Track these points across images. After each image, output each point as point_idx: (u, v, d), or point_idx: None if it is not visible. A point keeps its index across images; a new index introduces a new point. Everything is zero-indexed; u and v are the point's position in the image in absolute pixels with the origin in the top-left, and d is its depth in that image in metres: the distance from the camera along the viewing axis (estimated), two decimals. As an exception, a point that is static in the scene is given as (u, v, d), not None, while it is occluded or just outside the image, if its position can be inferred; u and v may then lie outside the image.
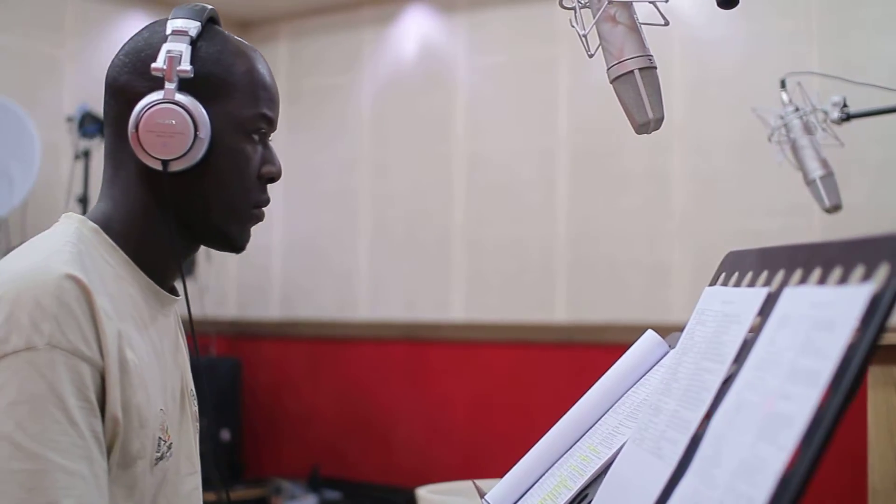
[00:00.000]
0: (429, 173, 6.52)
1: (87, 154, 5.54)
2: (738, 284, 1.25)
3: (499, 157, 6.26)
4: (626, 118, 1.44)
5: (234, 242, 1.58)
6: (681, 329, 1.63)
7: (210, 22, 1.57)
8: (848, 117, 2.41)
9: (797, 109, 2.46)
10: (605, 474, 1.39)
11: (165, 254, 1.55)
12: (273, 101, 1.59)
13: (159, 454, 1.47)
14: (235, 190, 1.54)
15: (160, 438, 1.47)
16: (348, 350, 6.73)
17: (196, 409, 1.71)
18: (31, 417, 1.28)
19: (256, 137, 1.56)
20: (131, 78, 1.51)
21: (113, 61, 1.56)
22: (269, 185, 1.61)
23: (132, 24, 6.62)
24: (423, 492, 2.82)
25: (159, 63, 1.48)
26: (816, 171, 2.42)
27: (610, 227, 5.82)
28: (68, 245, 1.42)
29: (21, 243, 4.73)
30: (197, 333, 1.62)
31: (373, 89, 6.79)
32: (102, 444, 1.35)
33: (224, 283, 6.94)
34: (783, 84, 2.60)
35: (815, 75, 2.47)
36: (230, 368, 6.59)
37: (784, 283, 1.08)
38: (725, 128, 5.39)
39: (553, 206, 6.00)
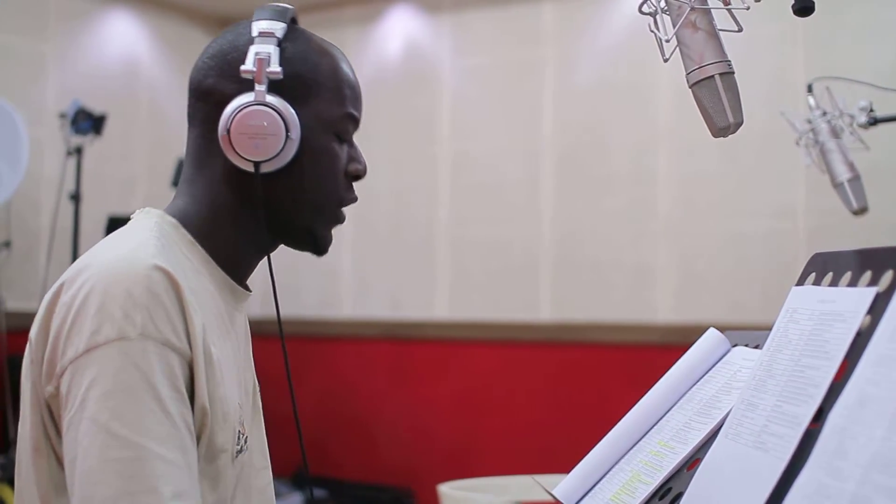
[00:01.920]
0: (413, 172, 6.54)
1: (79, 150, 5.51)
2: (833, 284, 1.28)
3: (484, 157, 6.29)
4: (705, 122, 1.46)
5: (318, 243, 1.60)
6: (667, 329, 1.67)
7: (292, 22, 1.58)
8: (875, 122, 2.46)
9: (825, 113, 2.51)
10: (688, 468, 1.43)
11: (243, 251, 1.57)
12: (358, 100, 1.61)
13: (238, 447, 1.49)
14: (324, 189, 1.56)
15: (238, 432, 1.49)
16: (332, 348, 6.73)
17: (261, 404, 1.73)
18: (127, 407, 1.29)
19: (343, 136, 1.58)
20: (218, 80, 1.52)
21: (197, 64, 1.57)
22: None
23: (116, 21, 6.61)
24: (445, 488, 2.83)
25: (248, 65, 1.48)
26: (844, 175, 2.46)
27: (595, 228, 5.86)
28: (152, 238, 1.44)
29: (6, 241, 4.70)
30: None
31: (356, 88, 6.78)
32: (193, 434, 1.37)
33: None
34: (810, 88, 2.64)
35: (841, 80, 2.52)
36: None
37: (896, 283, 1.12)
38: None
39: (538, 206, 6.04)
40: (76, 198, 5.46)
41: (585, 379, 5.75)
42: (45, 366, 1.37)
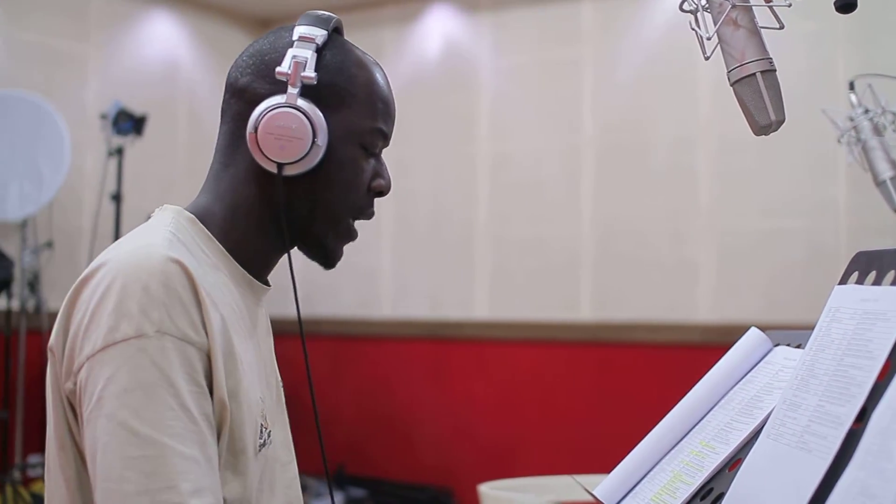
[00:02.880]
0: (452, 172, 6.54)
1: (120, 151, 5.55)
2: (876, 283, 1.27)
3: (523, 156, 6.28)
4: (746, 120, 1.45)
5: (328, 255, 1.60)
6: (709, 328, 1.66)
7: (335, 32, 1.59)
8: (920, 119, 2.44)
9: (867, 111, 2.48)
10: (729, 468, 1.42)
11: (261, 249, 1.57)
12: (390, 116, 1.61)
13: (261, 441, 1.49)
14: (344, 200, 1.56)
15: (261, 425, 1.50)
16: (371, 348, 6.75)
17: (283, 399, 1.73)
18: (145, 404, 1.30)
19: (370, 150, 1.58)
20: (254, 80, 1.53)
21: (236, 62, 1.57)
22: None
23: (156, 23, 6.64)
24: (485, 488, 2.83)
25: (284, 67, 1.49)
26: (886, 172, 2.44)
27: (635, 226, 5.85)
28: (167, 233, 1.45)
29: (49, 241, 4.75)
30: None
31: (395, 88, 6.76)
32: (214, 429, 1.37)
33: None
34: (852, 86, 2.62)
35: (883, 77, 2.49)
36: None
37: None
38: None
39: (578, 205, 6.03)
40: (117, 198, 5.50)
41: (625, 378, 5.73)
42: (64, 362, 1.39)
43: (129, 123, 5.47)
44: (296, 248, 1.62)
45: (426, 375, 6.51)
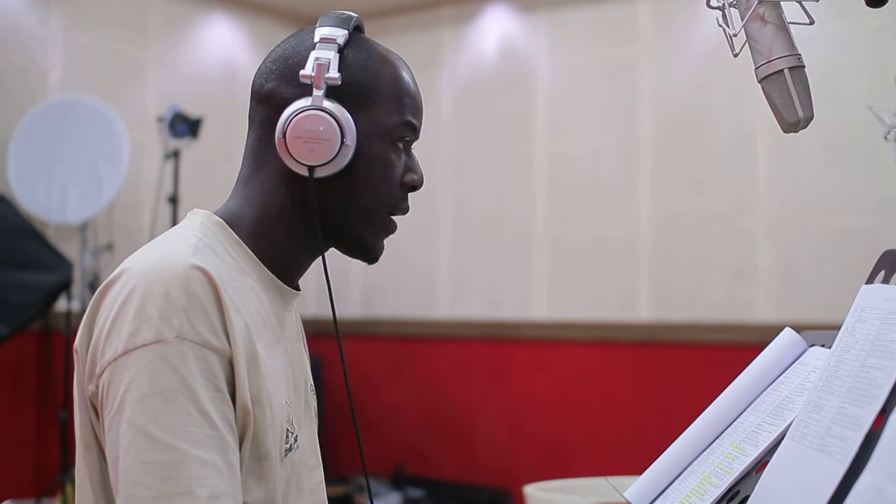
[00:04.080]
0: (510, 172, 6.53)
1: (176, 154, 5.60)
2: (902, 282, 1.25)
3: (580, 156, 6.26)
4: (774, 117, 1.43)
5: (368, 251, 1.60)
6: (767, 328, 1.63)
7: (356, 30, 1.59)
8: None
9: (914, 107, 2.43)
10: (757, 471, 1.40)
11: (292, 253, 1.57)
12: (417, 109, 1.60)
13: (287, 446, 1.49)
14: (377, 197, 1.55)
15: (287, 430, 1.49)
16: (430, 349, 6.75)
17: (315, 404, 1.73)
18: (164, 409, 1.31)
19: (400, 145, 1.57)
20: (279, 84, 1.53)
21: (260, 68, 1.58)
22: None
23: (214, 26, 6.70)
24: (531, 489, 2.82)
25: (308, 70, 1.49)
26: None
27: (693, 226, 5.80)
28: (193, 238, 1.45)
29: (109, 244, 4.80)
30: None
31: (453, 89, 6.81)
32: (235, 434, 1.37)
33: (304, 282, 6.97)
34: (899, 82, 2.58)
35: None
36: (311, 366, 6.61)
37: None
38: (812, 125, 5.34)
39: (635, 204, 5.99)
40: (174, 200, 5.55)
41: (683, 379, 5.68)
42: (87, 365, 1.40)
43: (184, 126, 5.52)
44: (333, 249, 1.62)
45: (484, 376, 6.50)
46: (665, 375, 5.79)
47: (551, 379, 6.22)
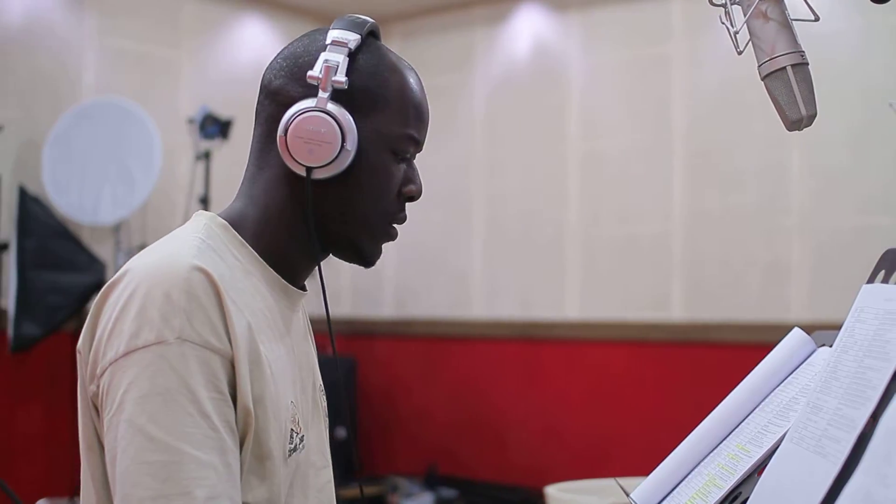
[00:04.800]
0: (542, 172, 6.51)
1: (207, 155, 5.63)
2: (901, 282, 1.23)
3: (613, 155, 6.23)
4: (778, 115, 1.42)
5: (364, 256, 1.59)
6: (801, 327, 1.62)
7: (370, 36, 1.58)
8: None
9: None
10: (758, 473, 1.38)
11: (296, 254, 1.57)
12: (422, 121, 1.59)
13: (292, 446, 1.49)
14: (373, 204, 1.55)
15: (292, 430, 1.49)
16: (463, 349, 6.74)
17: (325, 404, 1.73)
18: (164, 410, 1.31)
19: (401, 155, 1.57)
20: (286, 83, 1.53)
21: (271, 64, 1.58)
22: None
23: (248, 28, 6.72)
24: (552, 490, 2.81)
25: (315, 71, 1.49)
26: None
27: (726, 225, 5.76)
28: (196, 239, 1.45)
29: (142, 244, 4.85)
30: (314, 332, 1.64)
31: (485, 88, 6.80)
32: (236, 435, 1.37)
33: (338, 282, 7.00)
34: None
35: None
36: (345, 366, 6.63)
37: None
38: (842, 122, 5.30)
39: (669, 203, 5.96)
40: (205, 201, 5.57)
41: (716, 378, 5.61)
42: (89, 365, 1.41)
43: (215, 127, 5.54)
44: (331, 254, 1.62)
45: (517, 376, 6.49)
46: (698, 375, 5.75)
47: (584, 379, 6.20)
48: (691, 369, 5.78)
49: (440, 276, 6.88)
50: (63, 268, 5.33)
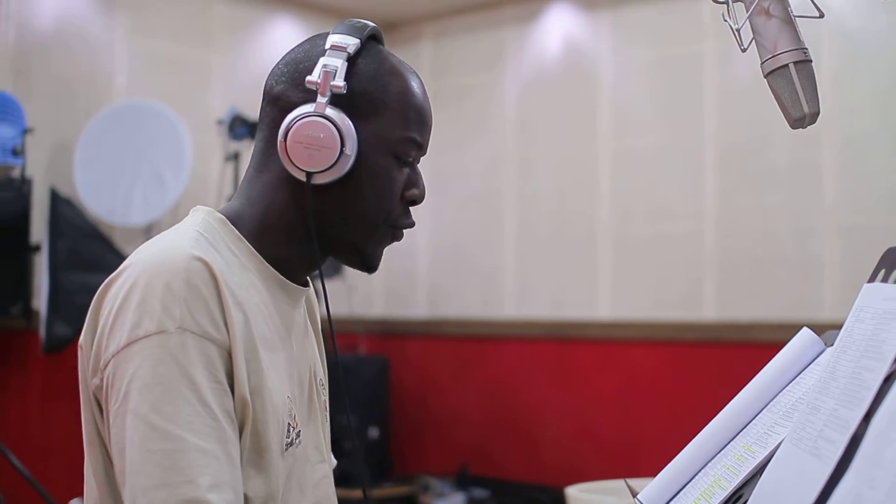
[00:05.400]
0: (574, 171, 6.50)
1: (236, 156, 5.65)
2: (900, 281, 1.22)
3: (645, 154, 6.20)
4: (781, 113, 1.41)
5: (365, 260, 1.60)
6: (834, 327, 1.60)
7: (372, 40, 1.59)
8: None
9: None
10: (761, 474, 1.37)
11: (293, 254, 1.57)
12: (424, 125, 1.60)
13: (289, 440, 1.51)
14: (374, 209, 1.55)
15: (289, 425, 1.51)
16: (494, 349, 6.74)
17: (326, 399, 1.73)
18: (165, 399, 1.33)
19: (403, 159, 1.57)
20: (287, 88, 1.55)
21: (273, 69, 1.60)
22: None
23: (280, 29, 6.74)
24: (572, 490, 2.81)
25: (314, 76, 1.50)
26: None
27: (758, 223, 5.72)
28: (194, 232, 1.47)
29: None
30: (345, 332, 1.64)
31: (516, 88, 6.79)
32: (235, 425, 1.39)
33: (371, 282, 7.00)
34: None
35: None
36: (378, 366, 6.65)
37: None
38: (876, 120, 5.26)
39: (700, 202, 5.93)
40: (233, 201, 5.59)
41: (749, 379, 5.60)
42: (92, 359, 1.43)
43: (243, 128, 5.56)
44: (331, 257, 1.63)
45: (549, 376, 6.47)
46: (730, 375, 5.68)
47: (616, 378, 6.18)
48: (723, 369, 5.75)
49: (472, 275, 6.88)
50: (94, 269, 5.36)
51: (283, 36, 6.78)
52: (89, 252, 5.41)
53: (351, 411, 5.92)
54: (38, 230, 5.40)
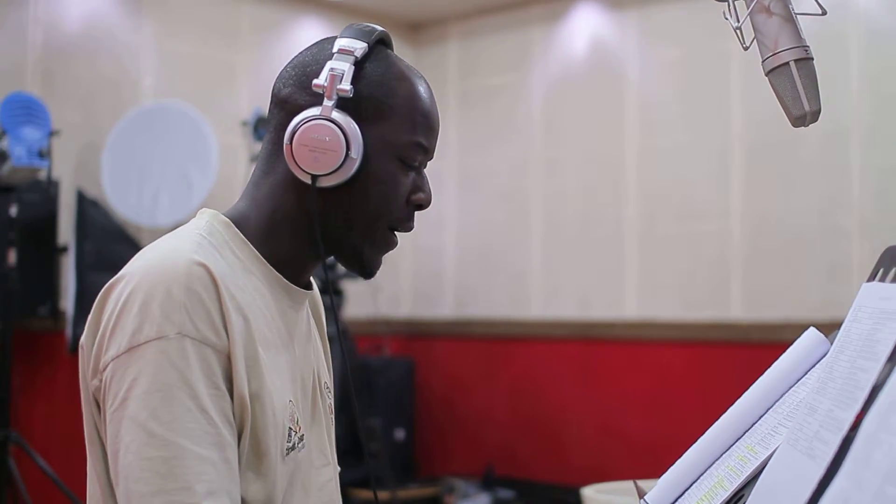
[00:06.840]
0: (600, 171, 6.48)
1: (261, 156, 5.67)
2: (897, 280, 1.21)
3: (672, 153, 6.18)
4: (783, 111, 1.40)
5: (364, 265, 1.59)
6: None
7: (380, 44, 1.60)
8: None
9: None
10: (761, 475, 1.36)
11: (298, 256, 1.58)
12: (431, 129, 1.59)
13: (290, 444, 1.50)
14: (379, 212, 1.55)
15: (290, 429, 1.50)
16: (521, 349, 6.73)
17: (331, 402, 1.73)
18: (164, 406, 1.33)
19: (409, 163, 1.57)
20: (294, 91, 1.55)
21: (281, 72, 1.60)
22: (441, 187, 1.61)
23: (306, 30, 6.75)
24: (588, 491, 2.81)
25: (321, 80, 1.50)
26: None
27: (786, 222, 5.69)
28: (197, 236, 1.47)
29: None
30: (371, 333, 1.64)
31: (543, 87, 6.78)
32: (234, 430, 1.39)
33: (398, 283, 7.01)
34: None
35: None
36: (404, 367, 6.65)
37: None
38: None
39: (728, 201, 5.90)
40: (258, 203, 5.61)
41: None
42: (92, 360, 1.43)
43: (267, 129, 5.57)
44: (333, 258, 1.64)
45: (576, 376, 6.46)
46: (758, 375, 5.67)
47: (643, 379, 6.16)
48: (751, 369, 5.68)
49: (499, 276, 6.87)
50: (121, 270, 5.39)
51: (308, 37, 6.79)
52: (116, 253, 5.43)
53: (377, 413, 5.93)
54: (66, 231, 5.44)
